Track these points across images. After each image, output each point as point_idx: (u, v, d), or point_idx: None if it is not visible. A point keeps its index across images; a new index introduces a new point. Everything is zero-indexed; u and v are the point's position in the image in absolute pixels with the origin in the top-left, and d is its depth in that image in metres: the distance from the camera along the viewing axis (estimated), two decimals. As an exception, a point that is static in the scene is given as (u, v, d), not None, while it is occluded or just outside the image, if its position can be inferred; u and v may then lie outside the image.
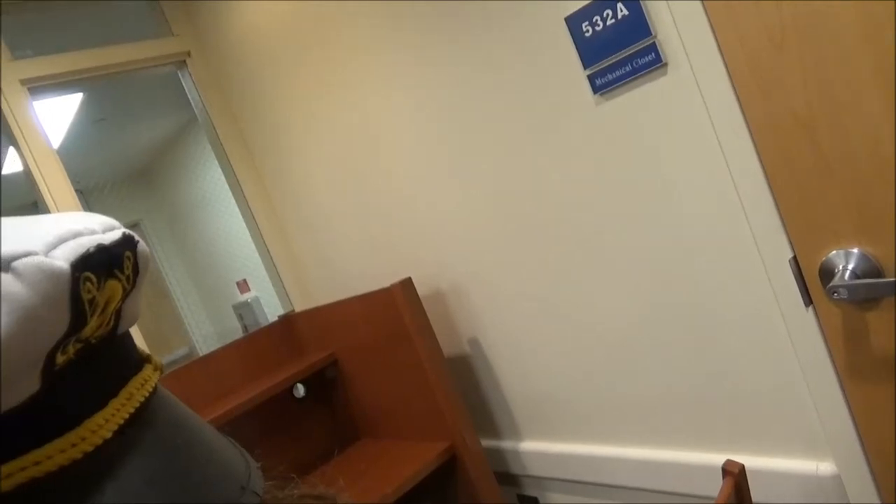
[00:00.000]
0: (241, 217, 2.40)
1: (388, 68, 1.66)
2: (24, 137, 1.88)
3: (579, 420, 1.62)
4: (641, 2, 1.13)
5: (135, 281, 0.28)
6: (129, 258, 0.27)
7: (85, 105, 3.07)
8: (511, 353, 1.72)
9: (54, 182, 1.90)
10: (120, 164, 4.40)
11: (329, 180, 2.02)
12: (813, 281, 1.08)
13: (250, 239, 2.40)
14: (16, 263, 0.21)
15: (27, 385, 0.22)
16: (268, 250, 2.31)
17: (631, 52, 1.18)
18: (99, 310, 0.25)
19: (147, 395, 0.28)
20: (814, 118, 0.99)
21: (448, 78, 1.53)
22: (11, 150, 3.20)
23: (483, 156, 1.53)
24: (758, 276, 1.15)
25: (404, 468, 1.68)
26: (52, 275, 0.22)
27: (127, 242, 0.27)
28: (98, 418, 0.24)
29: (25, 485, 0.21)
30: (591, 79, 1.25)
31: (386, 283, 1.68)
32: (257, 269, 2.83)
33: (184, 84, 2.30)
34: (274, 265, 2.32)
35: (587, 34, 1.23)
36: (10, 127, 1.86)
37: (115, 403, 0.25)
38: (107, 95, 3.16)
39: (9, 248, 0.22)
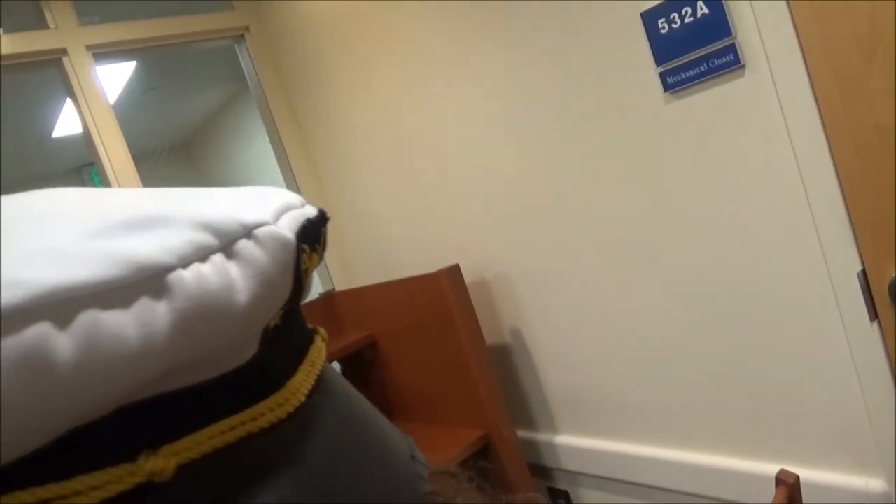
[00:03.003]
0: (286, 193, 2.41)
1: (450, 56, 1.66)
2: (86, 102, 1.91)
3: (622, 418, 1.61)
4: (724, 1, 1.11)
5: (322, 255, 0.28)
6: (323, 233, 0.28)
7: (137, 73, 3.12)
8: (554, 346, 1.72)
9: (112, 146, 1.94)
10: (167, 134, 4.46)
11: (379, 162, 2.03)
12: (881, 296, 1.06)
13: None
14: (256, 231, 0.22)
15: (252, 347, 0.23)
16: (312, 228, 2.32)
17: (708, 51, 1.16)
18: (308, 280, 0.25)
19: (322, 364, 0.28)
20: (897, 131, 0.97)
21: (510, 66, 1.52)
22: (62, 114, 3.26)
23: (541, 147, 1.53)
24: (823, 287, 1.13)
25: (438, 454, 1.70)
26: (283, 244, 0.23)
27: (322, 217, 0.28)
28: (295, 381, 0.25)
29: (242, 440, 0.22)
30: (662, 76, 1.24)
31: (429, 269, 1.68)
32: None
33: (240, 58, 2.32)
34: (317, 243, 2.33)
35: (663, 31, 1.21)
36: (74, 90, 1.90)
37: (303, 369, 0.26)
38: (159, 65, 3.19)
39: (247, 217, 0.22)
